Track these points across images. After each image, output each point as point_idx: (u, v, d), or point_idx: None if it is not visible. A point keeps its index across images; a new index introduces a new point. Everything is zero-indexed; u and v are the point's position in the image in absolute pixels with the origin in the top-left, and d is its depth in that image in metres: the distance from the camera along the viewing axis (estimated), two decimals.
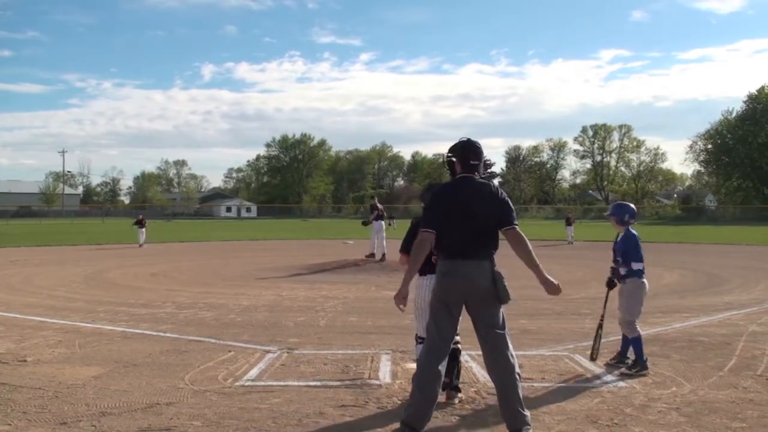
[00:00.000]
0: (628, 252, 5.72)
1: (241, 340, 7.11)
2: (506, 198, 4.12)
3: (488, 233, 4.05)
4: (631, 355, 5.81)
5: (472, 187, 4.09)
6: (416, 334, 4.97)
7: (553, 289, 4.03)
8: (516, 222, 4.06)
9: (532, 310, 9.10)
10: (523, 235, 4.03)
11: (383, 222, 17.08)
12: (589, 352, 6.08)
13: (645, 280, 5.77)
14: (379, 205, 17.67)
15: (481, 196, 4.05)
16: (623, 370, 5.65)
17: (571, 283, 13.01)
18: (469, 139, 4.22)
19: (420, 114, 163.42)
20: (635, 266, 5.71)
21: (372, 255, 16.80)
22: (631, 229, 5.83)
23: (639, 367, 5.62)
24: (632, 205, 6.02)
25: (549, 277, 4.02)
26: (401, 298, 4.12)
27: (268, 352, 6.47)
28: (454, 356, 4.78)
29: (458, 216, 4.03)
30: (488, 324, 4.05)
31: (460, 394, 4.84)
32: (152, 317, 8.73)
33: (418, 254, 4.08)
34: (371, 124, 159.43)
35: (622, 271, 5.75)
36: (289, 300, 10.48)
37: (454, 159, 4.21)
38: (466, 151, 4.15)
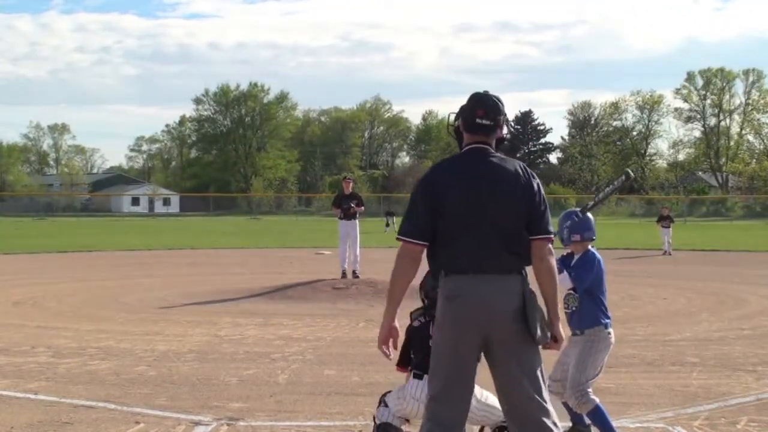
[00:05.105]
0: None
1: (156, 405, 7.15)
2: (540, 188, 4.23)
3: (513, 235, 4.11)
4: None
5: (486, 163, 4.17)
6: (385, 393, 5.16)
7: (553, 347, 4.30)
8: (551, 230, 4.19)
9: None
10: (553, 254, 4.17)
11: (357, 220, 17.64)
12: (696, 424, 6.05)
13: (610, 332, 5.88)
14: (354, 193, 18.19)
15: (502, 178, 4.14)
16: None
17: (669, 317, 13.03)
18: (486, 92, 4.32)
19: (436, 53, 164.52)
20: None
21: (345, 274, 17.05)
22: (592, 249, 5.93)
23: None
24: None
25: (561, 330, 4.26)
26: (384, 339, 4.28)
27: (197, 423, 6.50)
28: None
29: (466, 209, 4.10)
30: (516, 375, 4.08)
31: None
32: (15, 370, 8.74)
33: (398, 277, 4.18)
34: (359, 68, 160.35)
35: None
36: (231, 343, 10.52)
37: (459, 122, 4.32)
38: (474, 105, 4.25)
